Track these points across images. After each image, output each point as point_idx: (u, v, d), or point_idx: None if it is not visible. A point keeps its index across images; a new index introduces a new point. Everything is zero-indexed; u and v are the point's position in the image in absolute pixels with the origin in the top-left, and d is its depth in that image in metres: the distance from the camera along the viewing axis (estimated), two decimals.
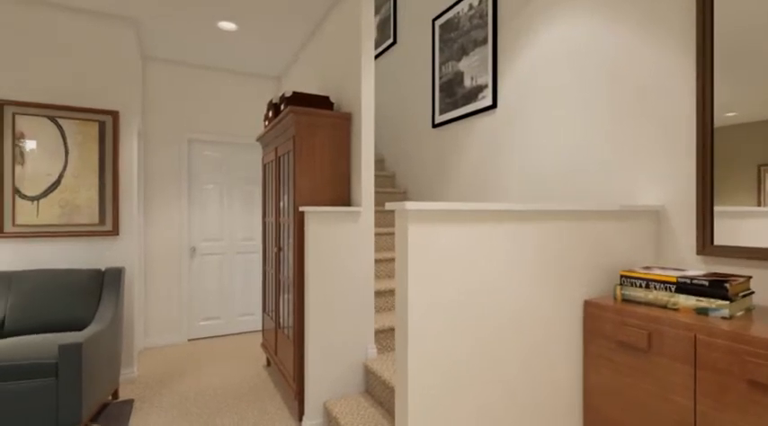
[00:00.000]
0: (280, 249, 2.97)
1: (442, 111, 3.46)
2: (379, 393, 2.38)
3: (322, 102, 2.72)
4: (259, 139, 3.43)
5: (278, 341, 3.04)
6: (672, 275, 1.49)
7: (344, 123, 2.69)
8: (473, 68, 3.14)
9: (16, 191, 2.88)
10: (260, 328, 4.56)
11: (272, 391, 3.04)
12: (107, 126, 3.11)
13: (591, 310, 1.63)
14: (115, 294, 2.91)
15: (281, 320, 2.93)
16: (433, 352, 1.40)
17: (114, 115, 3.12)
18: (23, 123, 2.90)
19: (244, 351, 3.90)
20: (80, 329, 2.78)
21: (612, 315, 1.54)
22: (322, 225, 2.44)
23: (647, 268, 1.69)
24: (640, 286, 1.56)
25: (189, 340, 4.21)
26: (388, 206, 1.46)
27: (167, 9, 3.05)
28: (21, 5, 2.90)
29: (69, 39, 3.03)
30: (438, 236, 1.41)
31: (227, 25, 3.28)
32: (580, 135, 2.30)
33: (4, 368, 2.24)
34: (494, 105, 2.92)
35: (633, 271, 1.60)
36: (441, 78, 3.49)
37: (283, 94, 2.73)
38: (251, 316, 4.52)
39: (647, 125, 1.97)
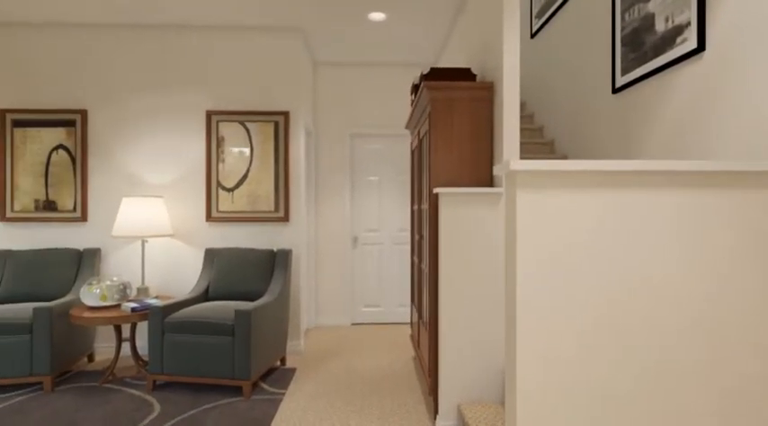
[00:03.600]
0: (421, 237, 2.84)
1: (624, 71, 2.74)
2: None
3: (462, 75, 2.46)
4: (407, 126, 3.37)
5: (419, 334, 2.92)
6: None
7: (486, 94, 2.36)
8: (668, 6, 2.37)
9: (219, 184, 3.55)
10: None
11: (414, 384, 2.93)
12: (280, 125, 3.55)
13: None
14: (283, 272, 3.29)
15: (423, 312, 2.79)
16: (555, 376, 1.02)
17: (285, 115, 3.54)
18: (223, 128, 3.55)
19: (397, 341, 3.93)
20: (256, 299, 3.24)
21: None
22: (457, 208, 2.19)
23: None
24: None
25: (352, 324, 4.49)
26: (496, 170, 1.14)
27: (325, 10, 3.28)
28: (222, 33, 3.56)
29: (252, 53, 3.58)
30: (560, 207, 1.02)
31: (377, 15, 3.33)
32: None
33: (201, 323, 2.77)
34: (700, 48, 2.12)
35: None
36: (623, 29, 2.76)
37: (421, 73, 2.58)
38: (407, 308, 4.54)
39: None
